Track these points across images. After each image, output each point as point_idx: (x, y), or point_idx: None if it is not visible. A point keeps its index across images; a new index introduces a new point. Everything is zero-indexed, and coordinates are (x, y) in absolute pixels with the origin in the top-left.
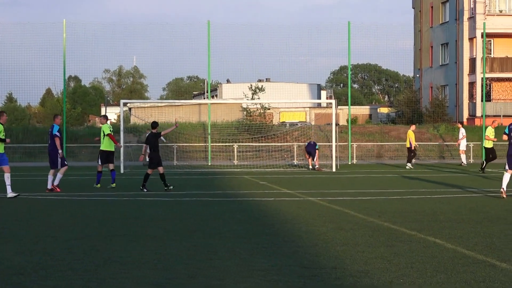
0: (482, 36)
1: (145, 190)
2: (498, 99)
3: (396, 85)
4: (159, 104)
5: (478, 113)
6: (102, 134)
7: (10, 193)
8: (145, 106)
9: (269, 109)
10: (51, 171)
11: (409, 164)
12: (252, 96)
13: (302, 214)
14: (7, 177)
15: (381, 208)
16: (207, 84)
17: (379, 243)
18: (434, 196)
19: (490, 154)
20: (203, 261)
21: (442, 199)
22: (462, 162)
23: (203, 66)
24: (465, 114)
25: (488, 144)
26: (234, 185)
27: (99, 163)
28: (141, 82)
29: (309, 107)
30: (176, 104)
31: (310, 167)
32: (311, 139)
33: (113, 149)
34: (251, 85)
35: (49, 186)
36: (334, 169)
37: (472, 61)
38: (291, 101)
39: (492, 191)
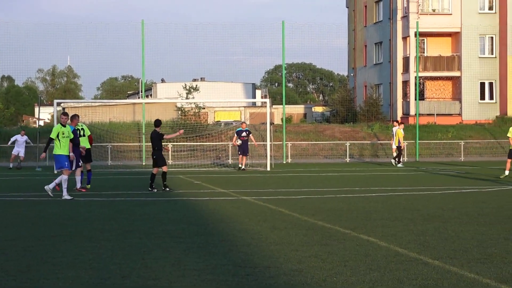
0: (415, 35)
1: (154, 190)
2: (431, 98)
3: (331, 84)
4: (93, 104)
5: (412, 111)
6: (79, 133)
7: (65, 195)
8: (79, 106)
9: (204, 108)
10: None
11: (398, 163)
12: (187, 96)
13: (237, 213)
14: (64, 180)
15: (316, 207)
16: (141, 83)
17: (313, 241)
18: (368, 194)
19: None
20: (137, 261)
21: (376, 197)
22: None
23: (137, 66)
24: (399, 113)
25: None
26: (169, 185)
27: (82, 163)
28: (75, 82)
29: (244, 107)
30: (110, 103)
31: (241, 166)
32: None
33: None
34: (185, 84)
35: (78, 186)
36: (268, 168)
37: (406, 60)
38: (225, 101)
39: (425, 188)
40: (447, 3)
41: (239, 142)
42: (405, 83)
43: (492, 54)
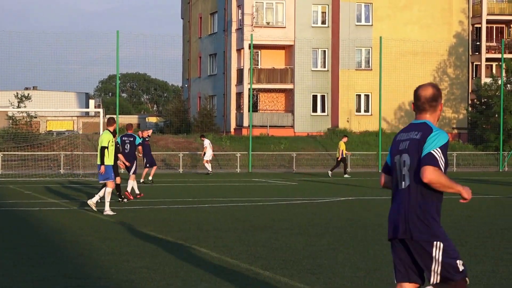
0: (249, 48)
1: (125, 200)
2: (265, 110)
3: (165, 95)
4: None
5: (246, 123)
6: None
7: (108, 211)
8: None
9: (35, 117)
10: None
11: (345, 174)
12: (18, 105)
13: (68, 224)
14: (108, 192)
15: (148, 218)
16: None
17: (145, 252)
18: (200, 205)
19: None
20: None
21: (209, 208)
22: (209, 171)
23: None
24: (233, 124)
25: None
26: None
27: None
28: None
29: (77, 116)
30: None
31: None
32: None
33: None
34: (17, 93)
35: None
36: None
37: (240, 71)
38: (58, 110)
39: (258, 200)
40: (281, 17)
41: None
42: (239, 95)
43: (325, 67)
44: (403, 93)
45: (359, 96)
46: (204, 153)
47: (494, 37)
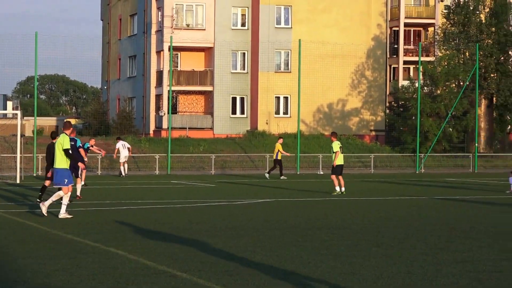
0: (169, 49)
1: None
2: (184, 112)
3: (84, 97)
4: None
5: (165, 125)
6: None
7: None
8: None
9: None
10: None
11: (281, 176)
12: None
13: None
14: (66, 196)
15: (66, 220)
16: None
17: (62, 255)
18: (118, 207)
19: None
20: None
21: (126, 210)
22: (121, 174)
23: None
24: (152, 126)
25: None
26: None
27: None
28: None
29: None
30: None
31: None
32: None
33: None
34: None
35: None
36: (18, 181)
37: (160, 73)
38: None
39: (177, 201)
40: (201, 19)
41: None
42: (159, 97)
43: (244, 69)
44: (322, 96)
45: (278, 98)
46: (118, 155)
47: (412, 40)
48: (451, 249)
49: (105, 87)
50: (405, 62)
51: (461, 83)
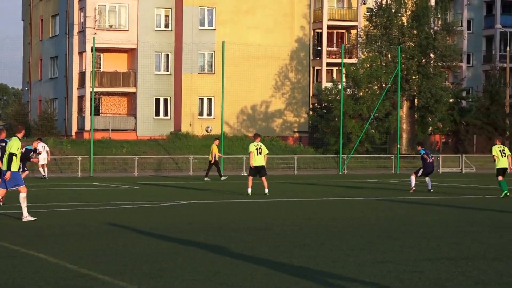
0: (91, 51)
1: None
2: (107, 113)
3: (5, 98)
4: None
5: (87, 127)
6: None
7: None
8: None
9: None
10: None
11: (221, 177)
12: None
13: None
14: (23, 198)
15: None
16: None
17: None
18: (39, 210)
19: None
20: None
21: (48, 213)
22: (43, 175)
23: None
24: (74, 128)
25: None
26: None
27: None
28: None
29: None
30: None
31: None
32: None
33: None
34: None
35: None
36: None
37: (82, 75)
38: None
39: (98, 204)
40: (124, 20)
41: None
42: (81, 98)
43: (168, 71)
44: (246, 97)
45: (202, 99)
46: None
47: (335, 42)
48: (372, 249)
49: (26, 88)
50: (328, 64)
51: (383, 85)
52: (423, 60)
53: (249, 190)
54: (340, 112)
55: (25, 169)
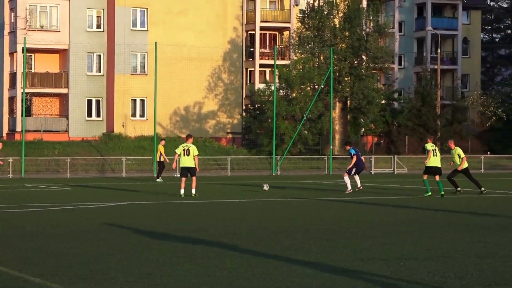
0: (22, 51)
1: None
2: (39, 114)
3: None
4: None
5: (18, 128)
6: None
7: None
8: None
9: None
10: None
11: (157, 178)
12: None
13: None
14: None
15: None
16: None
17: None
18: None
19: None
20: None
21: None
22: None
23: None
24: (5, 129)
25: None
26: None
27: None
28: None
29: None
30: None
31: None
32: None
33: None
34: None
35: None
36: None
37: (13, 75)
38: None
39: (31, 205)
40: (56, 20)
41: None
42: (12, 99)
43: (100, 72)
44: (179, 98)
45: (134, 101)
46: None
47: (268, 44)
48: (305, 250)
49: None
50: (261, 66)
51: (316, 87)
52: (355, 62)
53: (182, 191)
54: (273, 113)
55: None
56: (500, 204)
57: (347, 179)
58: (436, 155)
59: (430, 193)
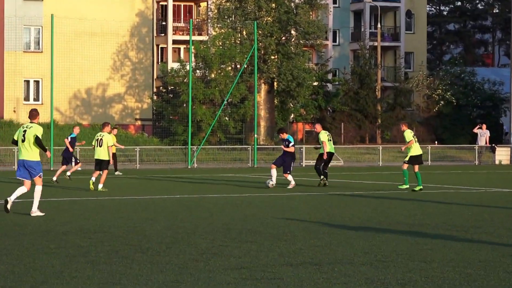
0: None
1: None
2: None
3: None
4: None
5: None
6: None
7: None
8: None
9: None
10: None
11: (116, 171)
12: None
13: None
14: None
15: None
16: None
17: None
18: None
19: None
20: None
21: None
22: None
23: None
24: None
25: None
26: None
27: None
28: None
29: None
30: None
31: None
32: None
33: None
34: None
35: None
36: None
37: None
38: None
39: None
40: None
41: None
42: None
43: None
44: (79, 80)
45: (27, 82)
46: None
47: (182, 17)
48: (225, 254)
49: None
50: (174, 42)
51: (238, 66)
52: (283, 38)
53: (100, 186)
54: (188, 97)
55: None
56: (450, 200)
57: (290, 178)
58: (416, 141)
59: (407, 185)
